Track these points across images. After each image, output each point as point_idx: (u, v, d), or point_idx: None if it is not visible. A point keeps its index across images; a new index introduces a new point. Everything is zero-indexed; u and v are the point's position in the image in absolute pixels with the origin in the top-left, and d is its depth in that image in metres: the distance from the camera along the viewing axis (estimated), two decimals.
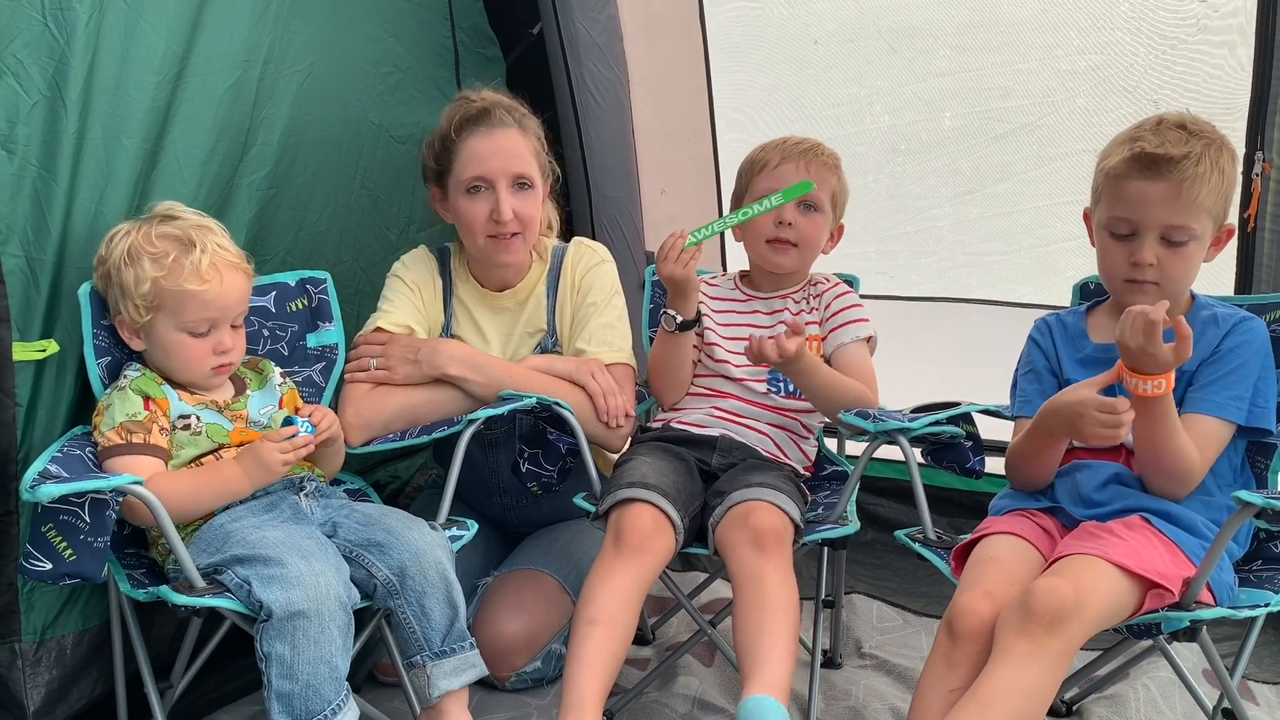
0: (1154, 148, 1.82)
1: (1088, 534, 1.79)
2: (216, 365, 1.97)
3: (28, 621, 1.94)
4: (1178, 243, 1.84)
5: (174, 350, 1.95)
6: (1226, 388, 1.80)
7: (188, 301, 1.92)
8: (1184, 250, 1.84)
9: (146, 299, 1.91)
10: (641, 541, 1.98)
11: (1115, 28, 2.68)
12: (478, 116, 2.30)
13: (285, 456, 1.90)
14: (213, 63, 2.21)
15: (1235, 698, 1.88)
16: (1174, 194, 1.81)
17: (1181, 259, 1.85)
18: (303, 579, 1.74)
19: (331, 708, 1.72)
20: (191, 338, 1.94)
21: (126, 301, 1.92)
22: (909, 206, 3.11)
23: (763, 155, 2.35)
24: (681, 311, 2.27)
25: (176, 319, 1.93)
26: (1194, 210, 1.82)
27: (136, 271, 1.90)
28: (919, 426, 2.03)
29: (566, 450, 2.24)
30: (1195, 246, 1.85)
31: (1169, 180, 1.81)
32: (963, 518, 2.81)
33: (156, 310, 1.92)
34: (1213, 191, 1.82)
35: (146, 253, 1.91)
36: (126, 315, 1.93)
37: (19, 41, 1.87)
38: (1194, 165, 1.80)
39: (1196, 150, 1.81)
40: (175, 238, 1.93)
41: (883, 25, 2.95)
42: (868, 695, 2.32)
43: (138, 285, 1.90)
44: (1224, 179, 1.83)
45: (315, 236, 2.54)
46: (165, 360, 1.96)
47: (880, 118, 3.08)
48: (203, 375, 1.98)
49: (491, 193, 2.29)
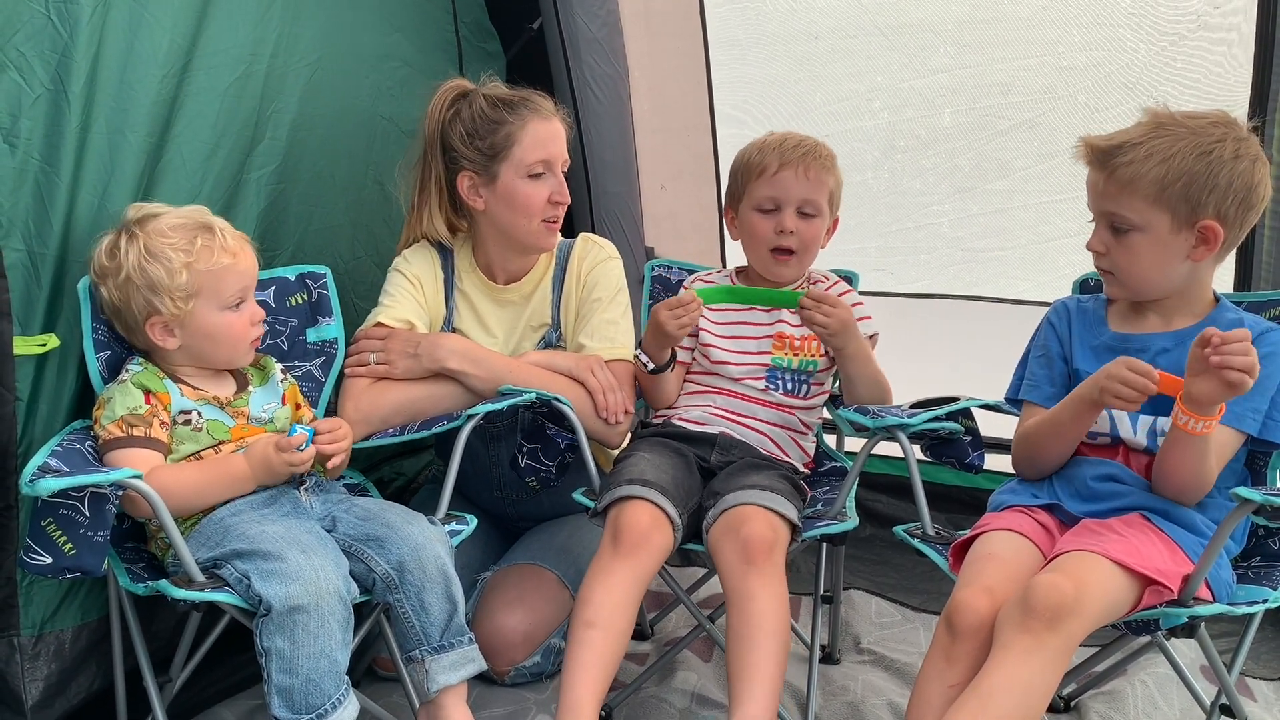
0: (1100, 139, 1.87)
1: (1087, 531, 1.79)
2: (255, 335, 2.03)
3: (26, 615, 1.94)
4: (1120, 230, 1.86)
5: (220, 332, 1.96)
6: (1247, 399, 1.78)
7: (225, 277, 1.94)
8: (1127, 239, 1.85)
9: (185, 288, 1.91)
10: (639, 540, 1.99)
11: (1116, 24, 2.68)
12: (533, 103, 2.32)
13: (293, 469, 1.92)
14: (218, 57, 2.21)
15: (1233, 694, 1.89)
16: (1108, 182, 1.85)
17: (1125, 248, 1.86)
18: (302, 573, 1.74)
19: (331, 702, 1.72)
20: (232, 314, 1.97)
21: (162, 298, 1.91)
22: (908, 203, 3.11)
23: (760, 159, 2.31)
24: (654, 359, 2.29)
25: (218, 299, 1.95)
26: (1128, 199, 1.82)
27: (165, 265, 1.90)
28: (918, 422, 2.03)
29: (565, 446, 2.25)
30: (1140, 238, 1.84)
31: (1104, 169, 1.85)
32: (961, 514, 2.81)
33: (196, 296, 1.93)
34: (1152, 183, 1.80)
35: (168, 245, 1.91)
36: (166, 311, 1.91)
37: (21, 34, 1.87)
38: (1126, 153, 1.82)
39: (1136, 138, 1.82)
40: (186, 225, 1.95)
41: (882, 21, 2.95)
42: (866, 691, 2.33)
43: (173, 277, 1.90)
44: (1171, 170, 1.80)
45: (327, 231, 2.54)
46: (209, 346, 1.97)
47: (880, 114, 3.08)
48: (246, 349, 2.02)
49: (552, 177, 2.32)
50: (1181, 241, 1.84)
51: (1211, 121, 1.84)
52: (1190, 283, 1.90)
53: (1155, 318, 1.93)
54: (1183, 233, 1.83)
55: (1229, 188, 1.80)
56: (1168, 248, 1.84)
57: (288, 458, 1.90)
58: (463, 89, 2.37)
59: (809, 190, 2.28)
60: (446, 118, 2.34)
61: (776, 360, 2.32)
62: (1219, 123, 1.84)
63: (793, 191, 2.28)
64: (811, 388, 2.34)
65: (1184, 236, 1.83)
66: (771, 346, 2.33)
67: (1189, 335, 1.87)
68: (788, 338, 2.33)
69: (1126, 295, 1.94)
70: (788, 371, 2.32)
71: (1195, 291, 1.92)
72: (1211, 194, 1.80)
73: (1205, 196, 1.80)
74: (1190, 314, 1.91)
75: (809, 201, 2.28)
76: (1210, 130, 1.82)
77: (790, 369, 2.32)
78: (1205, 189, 1.80)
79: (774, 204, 2.29)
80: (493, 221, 2.36)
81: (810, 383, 2.34)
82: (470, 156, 2.31)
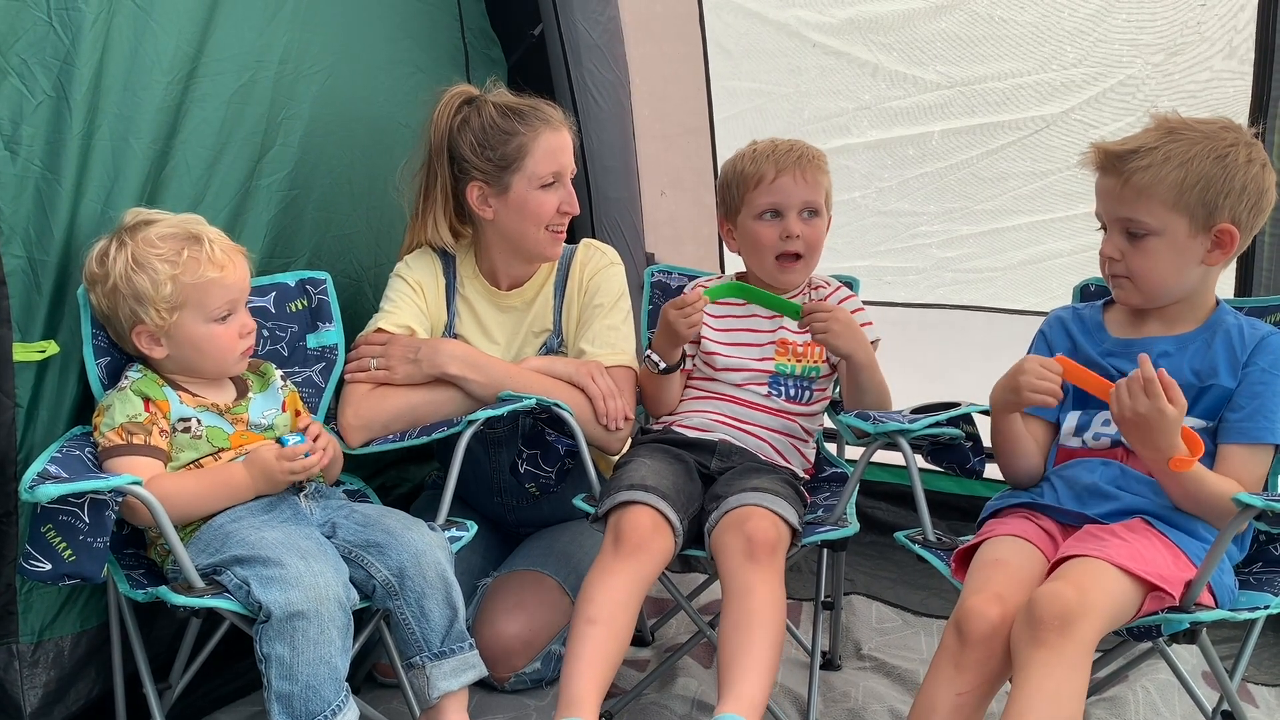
0: (1113, 144, 1.87)
1: (1090, 536, 1.79)
2: (244, 348, 2.01)
3: (25, 622, 1.94)
4: (1135, 235, 1.86)
5: (205, 343, 1.95)
6: (1258, 409, 1.80)
7: (211, 290, 1.93)
8: (1144, 244, 1.85)
9: (170, 299, 1.90)
10: (640, 543, 1.99)
11: (1109, 40, 2.65)
12: (543, 113, 2.32)
13: (292, 478, 1.93)
14: (223, 64, 2.21)
15: (1235, 700, 1.89)
16: (1124, 187, 1.84)
17: (1142, 253, 1.86)
18: (302, 580, 1.74)
19: (331, 708, 1.72)
20: (219, 325, 1.96)
21: (147, 308, 1.90)
22: (896, 222, 3.08)
23: (755, 168, 2.31)
24: (665, 358, 2.29)
25: (203, 311, 1.94)
26: (1145, 204, 1.82)
27: (151, 276, 1.89)
28: (919, 428, 2.03)
29: (565, 452, 2.24)
30: (1158, 242, 1.84)
31: (1118, 175, 1.85)
32: (961, 522, 2.79)
33: (181, 308, 1.92)
34: (1171, 187, 1.80)
35: (155, 255, 1.90)
36: (151, 322, 1.91)
37: (23, 42, 1.87)
38: (1143, 158, 1.82)
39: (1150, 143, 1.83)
40: (175, 236, 1.93)
41: (873, 38, 2.93)
42: (867, 697, 2.32)
43: (157, 288, 1.89)
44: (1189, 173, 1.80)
45: (345, 238, 2.54)
46: (195, 356, 1.96)
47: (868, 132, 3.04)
48: (234, 360, 2.00)
49: (562, 188, 2.33)
50: (1198, 245, 1.84)
51: (1221, 126, 1.86)
52: (1199, 287, 1.91)
53: (1156, 323, 1.93)
54: (1199, 236, 1.83)
55: (1244, 191, 1.81)
56: (1184, 252, 1.85)
57: (289, 466, 1.90)
58: (468, 95, 2.36)
59: (808, 193, 2.29)
60: (454, 125, 2.33)
61: (780, 366, 2.32)
62: (1228, 128, 1.86)
63: (794, 196, 2.28)
64: (814, 394, 2.34)
65: (1200, 240, 1.84)
66: (774, 353, 2.33)
67: (1190, 340, 1.87)
68: (790, 344, 2.33)
69: (1140, 301, 1.93)
70: (790, 377, 2.32)
71: (1199, 297, 1.92)
72: (1228, 197, 1.81)
73: (1222, 200, 1.81)
74: (1192, 319, 1.91)
75: (810, 204, 2.29)
76: (1222, 135, 1.84)
77: (793, 375, 2.32)
78: (1222, 192, 1.81)
79: (776, 211, 2.29)
80: (500, 230, 2.36)
81: (813, 389, 2.34)
82: (481, 166, 2.30)
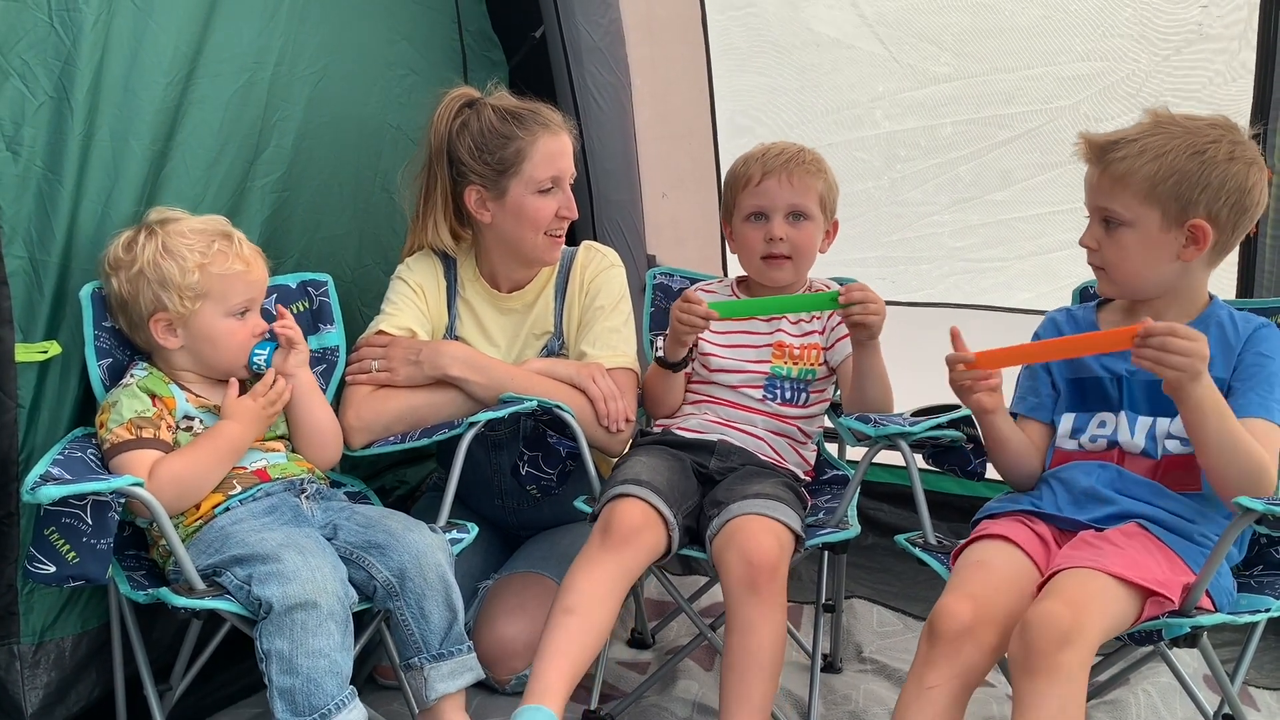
0: (1098, 135, 1.88)
1: (1085, 544, 1.78)
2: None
3: (26, 624, 1.94)
4: (1111, 225, 1.87)
5: (220, 338, 1.98)
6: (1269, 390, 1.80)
7: (235, 284, 1.97)
8: (1117, 235, 1.86)
9: (195, 288, 1.93)
10: (628, 535, 1.98)
11: (1117, 34, 2.68)
12: (542, 117, 2.31)
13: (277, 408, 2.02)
14: (222, 65, 2.21)
15: (1236, 703, 1.89)
16: (1101, 177, 1.86)
17: (1115, 244, 1.87)
18: (299, 573, 1.75)
19: (335, 703, 1.72)
20: (236, 321, 1.99)
21: (171, 294, 1.93)
22: (909, 213, 3.11)
23: (745, 170, 2.33)
24: (670, 355, 2.29)
25: (224, 304, 1.97)
26: (1120, 195, 1.83)
27: (179, 263, 1.93)
28: (920, 430, 2.03)
29: (567, 454, 2.24)
30: (1130, 234, 1.85)
31: (1099, 165, 1.86)
32: (963, 523, 2.77)
33: (203, 298, 1.95)
34: (1144, 179, 1.81)
35: (185, 245, 1.94)
36: (173, 309, 1.94)
37: (25, 43, 1.88)
38: (1121, 149, 1.83)
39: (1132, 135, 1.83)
40: (206, 231, 1.98)
41: (883, 32, 2.95)
42: (868, 700, 2.32)
43: (185, 275, 1.93)
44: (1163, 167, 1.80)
45: (334, 240, 2.54)
46: (209, 350, 1.99)
47: (881, 124, 3.08)
48: (244, 359, 2.02)
49: (560, 192, 2.33)
50: (1171, 240, 1.84)
51: (1210, 123, 1.85)
52: (1182, 283, 1.90)
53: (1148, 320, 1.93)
54: (1172, 231, 1.83)
55: (1221, 188, 1.80)
56: (1157, 245, 1.85)
57: (268, 398, 1.98)
58: (469, 98, 2.36)
59: (794, 196, 2.29)
60: (454, 128, 2.32)
61: (776, 369, 2.32)
62: (1217, 125, 1.85)
63: (778, 199, 2.28)
64: (810, 396, 2.34)
65: (1174, 235, 1.83)
66: (771, 355, 2.33)
67: None
68: (787, 346, 2.33)
69: (1116, 292, 1.95)
70: (786, 380, 2.32)
71: (1188, 292, 1.91)
72: (1203, 193, 1.80)
73: (1196, 195, 1.81)
74: (1183, 315, 1.89)
75: (795, 207, 2.29)
76: (1207, 131, 1.83)
77: (789, 378, 2.32)
78: (1196, 188, 1.80)
79: (761, 213, 2.30)
80: (498, 234, 2.36)
81: (809, 391, 2.33)
82: (479, 170, 2.30)
